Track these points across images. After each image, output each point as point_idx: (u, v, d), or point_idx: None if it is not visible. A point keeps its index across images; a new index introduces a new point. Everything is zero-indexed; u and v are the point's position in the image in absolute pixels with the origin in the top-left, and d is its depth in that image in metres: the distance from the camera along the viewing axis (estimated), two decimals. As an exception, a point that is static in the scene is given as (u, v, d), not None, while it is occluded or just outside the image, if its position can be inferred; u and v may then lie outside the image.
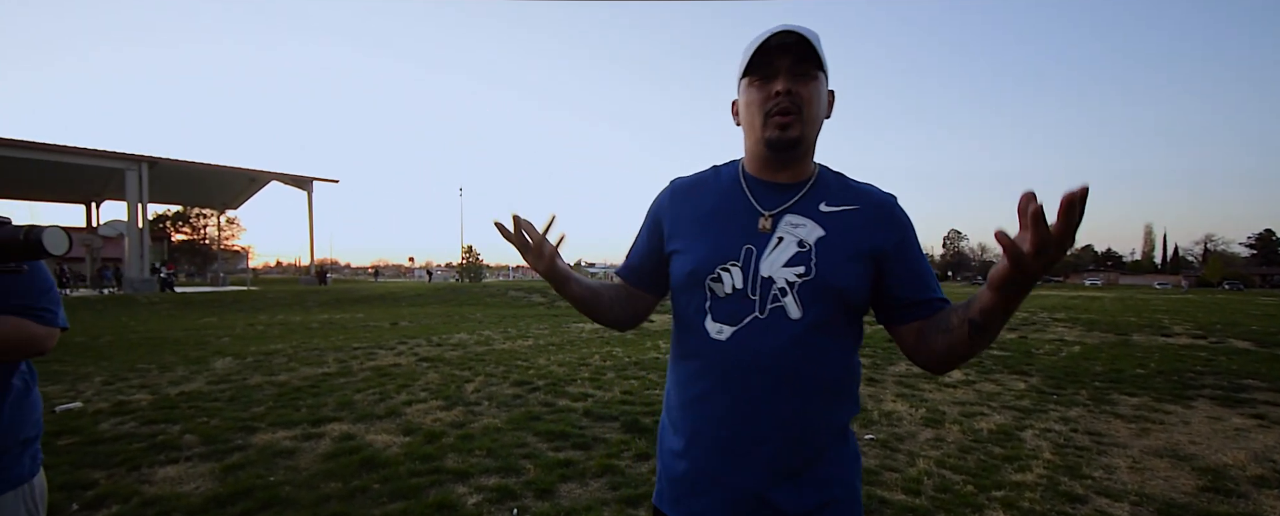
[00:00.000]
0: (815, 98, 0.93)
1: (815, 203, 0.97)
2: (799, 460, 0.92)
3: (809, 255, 0.93)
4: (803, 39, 0.91)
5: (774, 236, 0.95)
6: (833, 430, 0.95)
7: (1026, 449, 3.57)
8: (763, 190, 1.00)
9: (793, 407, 0.92)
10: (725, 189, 1.02)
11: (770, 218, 0.97)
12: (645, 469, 3.10)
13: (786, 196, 0.98)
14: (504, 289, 23.12)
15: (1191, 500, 2.80)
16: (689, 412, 0.98)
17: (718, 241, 0.97)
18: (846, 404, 0.97)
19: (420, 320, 12.21)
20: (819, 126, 0.97)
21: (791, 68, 0.92)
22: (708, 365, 0.96)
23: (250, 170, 29.61)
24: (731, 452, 0.93)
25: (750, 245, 0.96)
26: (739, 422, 0.93)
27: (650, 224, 1.09)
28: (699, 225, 1.01)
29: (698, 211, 1.02)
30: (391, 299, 19.17)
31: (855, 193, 0.99)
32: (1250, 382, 5.74)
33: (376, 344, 7.97)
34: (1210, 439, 3.84)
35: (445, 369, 5.99)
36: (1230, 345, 8.95)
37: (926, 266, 0.99)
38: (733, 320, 0.94)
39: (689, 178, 1.09)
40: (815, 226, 0.95)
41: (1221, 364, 6.94)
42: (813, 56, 0.92)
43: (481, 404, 4.47)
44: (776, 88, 0.92)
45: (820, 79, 0.94)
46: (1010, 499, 2.79)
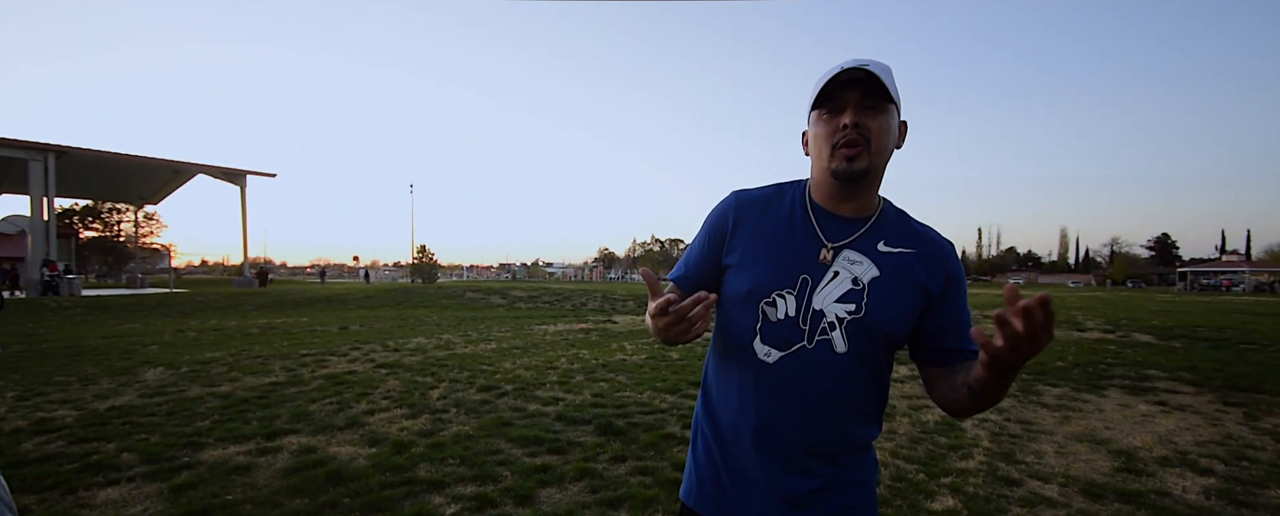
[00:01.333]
0: (883, 130, 0.95)
1: (875, 241, 0.99)
2: (826, 473, 0.99)
3: (861, 293, 0.96)
4: (872, 74, 0.92)
5: (831, 270, 0.98)
6: (857, 447, 1.02)
7: (968, 438, 3.87)
8: (828, 221, 1.01)
9: (824, 429, 0.98)
10: (791, 213, 1.04)
11: (832, 250, 0.99)
12: (623, 471, 3.17)
13: (850, 230, 1.00)
14: (461, 290, 22.60)
15: (1109, 480, 3.13)
16: (730, 422, 1.03)
17: (778, 267, 1.00)
18: (874, 425, 1.04)
19: (372, 324, 11.80)
20: (887, 158, 0.98)
21: (860, 101, 0.94)
22: (752, 383, 1.00)
23: (174, 162, 27.59)
24: (763, 463, 0.99)
25: (806, 276, 0.98)
26: (774, 438, 0.98)
27: (711, 233, 1.09)
28: (762, 245, 1.02)
29: (762, 230, 1.04)
30: (338, 302, 18.37)
31: (914, 235, 1.02)
32: (1152, 373, 6.38)
33: (327, 350, 7.67)
34: (1121, 424, 4.27)
35: (406, 375, 5.85)
36: (1134, 338, 9.87)
37: (967, 317, 1.01)
38: (781, 345, 0.98)
39: (754, 192, 1.10)
40: (871, 266, 0.98)
41: (1128, 356, 7.66)
42: (881, 90, 0.93)
43: (449, 411, 4.41)
44: (844, 120, 0.94)
45: (889, 111, 0.96)
46: (957, 484, 3.04)
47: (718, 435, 1.05)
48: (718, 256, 1.07)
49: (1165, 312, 16.45)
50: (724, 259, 1.06)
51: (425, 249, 32.65)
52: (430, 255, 32.55)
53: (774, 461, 0.98)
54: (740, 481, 1.01)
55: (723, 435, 1.04)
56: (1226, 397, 5.08)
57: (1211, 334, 10.32)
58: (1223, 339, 9.58)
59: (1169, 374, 6.29)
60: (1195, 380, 5.89)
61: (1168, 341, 9.41)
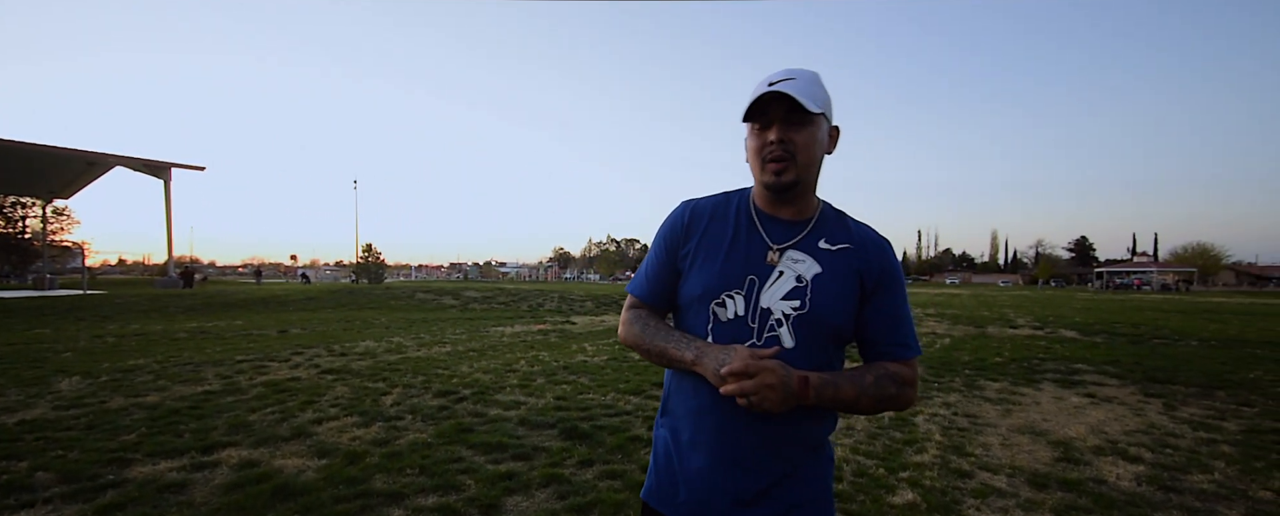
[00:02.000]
0: (809, 142, 1.01)
1: (816, 240, 1.06)
2: (785, 470, 1.03)
3: (805, 290, 1.02)
4: (791, 95, 0.98)
5: (777, 270, 1.04)
6: (810, 444, 1.06)
7: (921, 433, 4.02)
8: (772, 224, 1.08)
9: (776, 425, 1.01)
10: (738, 219, 1.10)
11: (778, 251, 1.05)
12: (591, 475, 3.11)
13: (793, 232, 1.07)
14: (410, 291, 21.81)
15: (1050, 469, 3.31)
16: (689, 422, 1.07)
17: (726, 269, 1.05)
18: (826, 421, 1.07)
19: (315, 327, 11.22)
20: (817, 167, 1.05)
21: (785, 116, 1.00)
22: (706, 385, 1.03)
23: (87, 152, 25.43)
24: (720, 461, 1.02)
25: (754, 276, 1.04)
26: (729, 435, 1.02)
27: (666, 243, 1.13)
28: (712, 250, 1.08)
29: (712, 237, 1.09)
30: (277, 303, 17.39)
31: (852, 233, 1.08)
32: (1080, 367, 6.83)
33: (265, 355, 7.23)
34: (1057, 416, 4.54)
35: (355, 381, 5.58)
36: (1060, 335, 10.57)
37: (900, 314, 1.06)
38: (731, 343, 1.02)
39: (703, 201, 1.15)
40: (814, 263, 1.04)
41: (1057, 351, 8.18)
42: (801, 106, 0.99)
43: (404, 418, 4.23)
44: (770, 136, 1.01)
45: (815, 123, 1.01)
46: (914, 478, 3.15)
47: (675, 434, 1.09)
48: (674, 264, 1.12)
49: (1086, 310, 17.72)
50: (678, 266, 1.12)
51: (371, 247, 31.22)
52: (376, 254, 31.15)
53: (727, 459, 1.02)
54: (695, 480, 1.04)
55: (680, 434, 1.08)
56: (1147, 389, 5.49)
57: (1128, 330, 11.17)
58: (1138, 335, 10.38)
59: (1095, 368, 6.76)
60: (1118, 373, 6.34)
61: (1090, 337, 10.12)
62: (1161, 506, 2.76)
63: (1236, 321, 13.59)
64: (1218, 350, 8.31)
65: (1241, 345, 8.88)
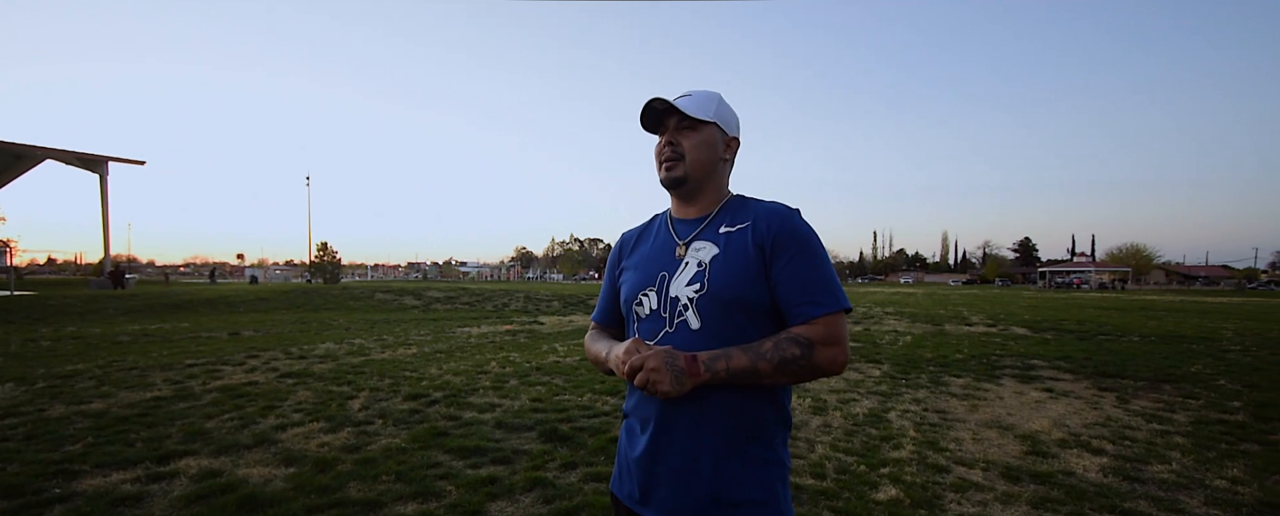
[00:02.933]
0: (697, 144, 1.13)
1: (718, 226, 1.13)
2: (712, 457, 1.03)
3: (704, 273, 1.08)
4: (672, 105, 1.13)
5: (683, 262, 1.12)
6: (746, 432, 1.04)
7: (895, 428, 4.11)
8: (680, 225, 1.18)
9: (703, 409, 1.04)
10: (656, 231, 1.23)
11: (684, 246, 1.14)
12: (575, 478, 3.05)
13: (695, 226, 1.15)
14: (369, 291, 21.10)
15: (1021, 462, 3.43)
16: (635, 411, 1.15)
17: (641, 273, 1.17)
18: (762, 407, 1.05)
19: (269, 328, 10.72)
20: (708, 168, 1.15)
21: (676, 124, 1.14)
22: None
23: (13, 144, 23.74)
24: (655, 446, 1.07)
25: (665, 272, 1.13)
26: (662, 424, 1.07)
27: (610, 273, 1.30)
28: (638, 261, 1.21)
29: (639, 252, 1.23)
30: (226, 304, 16.56)
31: (752, 210, 1.12)
32: (1036, 362, 7.14)
33: (218, 359, 6.86)
34: (1020, 410, 4.72)
35: (317, 385, 5.34)
36: (1012, 331, 11.03)
37: (806, 274, 1.04)
38: (650, 337, 1.11)
39: (634, 229, 1.30)
40: (712, 247, 1.10)
41: (1012, 347, 8.53)
42: (687, 115, 1.12)
43: (374, 422, 4.07)
44: (662, 140, 1.16)
45: (704, 129, 1.13)
46: (895, 474, 3.20)
47: (628, 427, 1.16)
48: (616, 286, 1.26)
49: (1032, 308, 18.57)
50: (618, 287, 1.25)
51: (327, 246, 30.00)
52: (332, 253, 29.96)
53: (661, 444, 1.06)
54: (637, 465, 1.10)
55: (632, 425, 1.15)
56: (1100, 383, 5.77)
57: (1074, 327, 11.75)
58: (1084, 331, 10.93)
59: (1049, 363, 7.07)
60: (1072, 368, 6.65)
61: (1041, 333, 10.60)
62: (1128, 496, 2.89)
63: (1171, 318, 14.47)
64: (1158, 345, 8.82)
65: (1179, 340, 9.46)
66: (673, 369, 0.98)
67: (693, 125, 1.12)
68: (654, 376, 0.98)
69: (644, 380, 0.99)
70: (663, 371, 0.98)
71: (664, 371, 0.98)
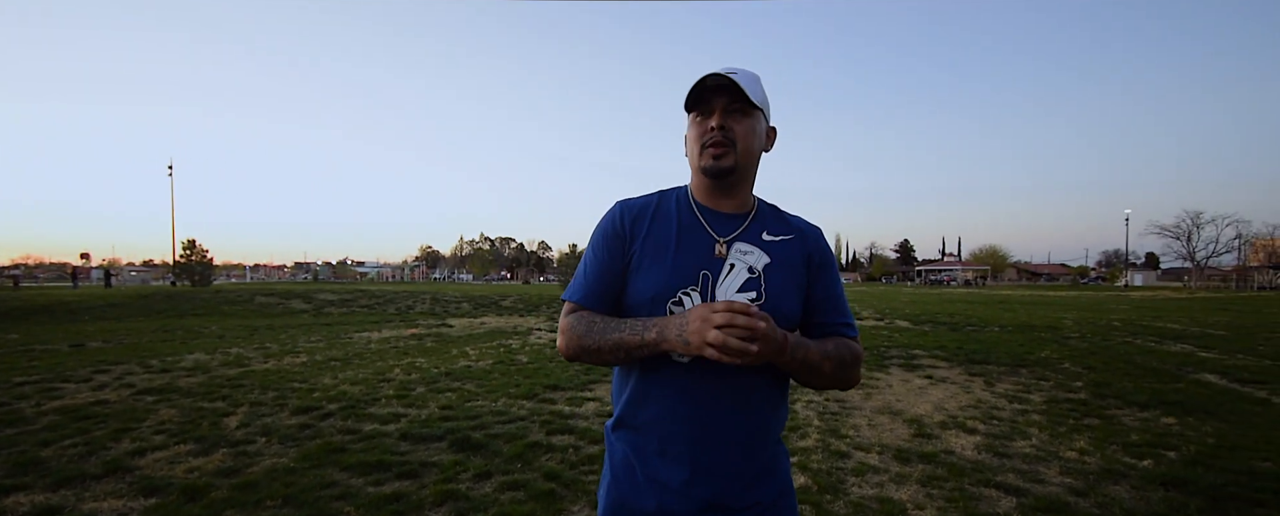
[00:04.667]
0: (748, 132, 1.03)
1: (759, 231, 1.07)
2: (753, 467, 1.02)
3: (758, 281, 1.02)
4: (734, 82, 1.00)
5: (727, 263, 1.03)
6: (776, 436, 1.08)
7: (801, 419, 4.32)
8: (714, 218, 1.07)
9: (746, 421, 1.01)
10: (679, 215, 1.08)
11: (725, 244, 1.04)
12: (490, 488, 2.91)
13: (735, 224, 1.07)
14: (248, 294, 19.02)
15: (910, 444, 3.73)
16: (656, 430, 1.02)
17: (677, 266, 1.02)
18: (783, 414, 1.09)
19: (121, 338, 9.35)
20: (755, 159, 1.07)
21: (726, 105, 1.02)
22: (669, 385, 1.01)
23: None
24: (699, 471, 0.99)
25: (707, 271, 1.02)
26: (704, 443, 0.99)
27: (609, 243, 1.08)
28: (657, 248, 1.05)
29: (655, 234, 1.06)
30: (65, 312, 14.26)
31: (789, 224, 1.12)
32: (917, 352, 7.84)
33: (55, 374, 5.87)
34: (907, 397, 5.15)
35: (184, 401, 4.72)
36: (897, 325, 12.08)
37: (839, 293, 1.12)
38: None
39: (638, 200, 1.12)
40: (762, 254, 1.05)
41: (897, 339, 9.32)
42: (745, 96, 1.01)
43: (255, 441, 3.65)
44: (712, 123, 1.02)
45: (755, 116, 1.04)
46: (804, 462, 3.37)
47: (638, 447, 1.03)
48: (619, 265, 1.06)
49: (912, 303, 20.49)
50: (624, 268, 1.07)
51: (195, 244, 26.68)
52: (201, 251, 26.69)
53: (706, 468, 0.99)
54: (670, 492, 1.00)
55: (644, 445, 1.03)
56: (970, 370, 6.44)
57: (946, 319, 13.08)
58: (955, 323, 12.19)
59: (928, 352, 7.80)
60: (946, 357, 7.38)
61: (920, 326, 11.68)
62: (999, 470, 3.23)
63: (1023, 310, 16.55)
64: (1015, 334, 10.03)
65: (1031, 329, 10.82)
66: (777, 337, 0.89)
67: (745, 109, 1.03)
68: (763, 337, 0.85)
69: (755, 342, 0.85)
70: (774, 334, 0.88)
71: (774, 335, 0.88)
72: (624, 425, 1.07)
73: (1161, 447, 3.61)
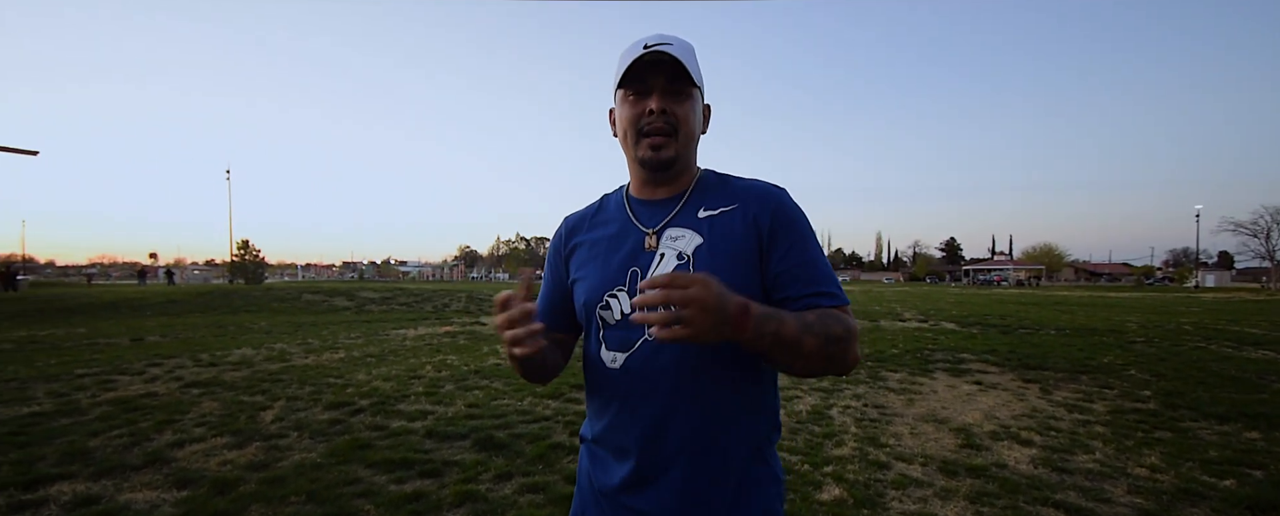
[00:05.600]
0: (689, 116, 0.92)
1: (695, 210, 0.94)
2: (710, 485, 0.88)
3: (687, 266, 0.90)
4: (676, 60, 0.88)
5: (656, 254, 0.93)
6: (746, 450, 0.91)
7: (836, 425, 4.12)
8: (644, 209, 0.98)
9: (696, 428, 0.88)
10: (613, 215, 1.01)
11: (654, 234, 0.94)
12: (509, 490, 2.84)
13: (668, 209, 0.96)
14: (296, 292, 19.82)
15: (957, 456, 3.49)
16: (602, 446, 0.96)
17: (605, 269, 0.96)
18: (761, 420, 0.93)
19: (177, 333, 9.83)
20: (695, 143, 0.96)
21: (666, 86, 0.90)
22: (609, 396, 0.94)
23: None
24: (643, 483, 0.90)
25: (635, 268, 0.93)
26: (646, 451, 0.89)
27: (553, 263, 1.06)
28: (591, 255, 0.99)
29: (591, 242, 1.00)
30: (129, 308, 15.14)
31: (735, 191, 0.95)
32: (965, 356, 7.44)
33: (114, 368, 6.17)
34: (953, 403, 4.85)
35: (226, 395, 4.87)
36: (942, 327, 11.55)
37: (812, 259, 0.91)
38: (624, 346, 0.91)
39: (580, 211, 1.07)
40: (694, 235, 0.92)
41: (943, 342, 8.89)
42: (686, 74, 0.89)
43: (288, 435, 3.70)
44: (650, 106, 0.90)
45: (694, 95, 0.93)
46: (838, 472, 3.18)
47: (592, 452, 0.99)
48: (564, 284, 1.03)
49: (959, 304, 19.64)
50: (568, 285, 1.02)
51: (248, 244, 28.04)
52: (254, 251, 28.02)
53: (651, 481, 0.90)
54: (614, 498, 0.93)
55: (598, 448, 0.98)
56: (1024, 375, 6.05)
57: (997, 321, 12.44)
58: (1006, 325, 11.58)
59: (977, 356, 7.39)
60: (997, 361, 6.97)
61: (968, 328, 11.14)
62: (1058, 487, 2.97)
63: (1082, 312, 15.61)
64: (1073, 337, 9.43)
65: (1091, 333, 10.15)
66: (721, 305, 0.71)
67: (686, 89, 0.90)
68: (696, 314, 0.69)
69: (686, 311, 0.69)
70: (711, 309, 0.70)
71: (712, 310, 0.70)
72: (585, 439, 1.02)
73: (1245, 466, 3.26)
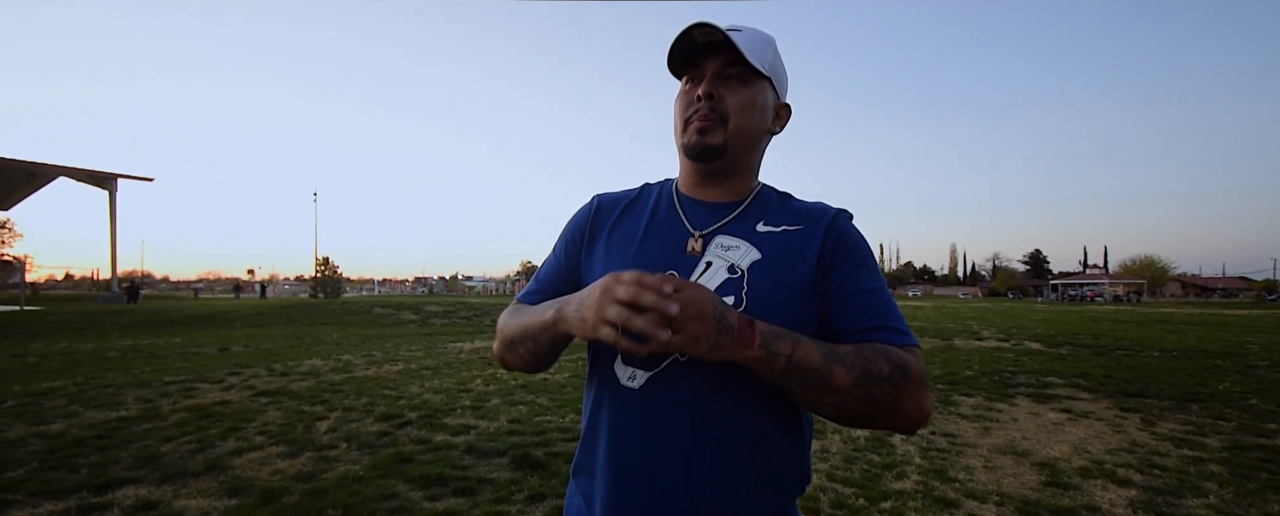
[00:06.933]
0: (746, 106, 0.81)
1: (752, 222, 0.84)
2: None
3: (740, 282, 0.78)
4: (731, 42, 0.78)
5: (703, 260, 0.81)
6: (768, 508, 0.77)
7: (899, 455, 3.79)
8: (694, 208, 0.87)
9: (716, 470, 0.74)
10: (656, 207, 0.90)
11: (701, 238, 0.83)
12: (541, 512, 2.76)
13: (721, 214, 0.85)
14: (368, 306, 20.96)
15: (1040, 495, 3.10)
16: (601, 476, 0.80)
17: (637, 265, 0.81)
18: (790, 472, 0.80)
19: (259, 344, 10.53)
20: (753, 139, 0.84)
21: (719, 69, 0.81)
22: (619, 418, 0.79)
23: (28, 163, 23.98)
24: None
25: (673, 271, 0.81)
26: (655, 489, 0.75)
27: (569, 240, 0.93)
28: (621, 246, 0.87)
29: (622, 231, 0.88)
30: (222, 319, 16.46)
31: (798, 211, 0.86)
32: (1052, 380, 6.76)
33: (198, 376, 6.64)
34: (1037, 434, 4.37)
35: (290, 404, 5.10)
36: (1026, 346, 10.61)
37: (873, 289, 0.80)
38: (648, 363, 0.78)
39: (615, 193, 0.95)
40: (750, 248, 0.81)
41: (1025, 364, 8.14)
42: (743, 58, 0.79)
43: (337, 446, 3.80)
44: (700, 91, 0.81)
45: (758, 86, 0.82)
46: (897, 509, 2.89)
47: (587, 498, 0.84)
48: (576, 265, 0.91)
49: (1046, 321, 18.07)
50: (583, 266, 0.90)
51: (328, 261, 30.04)
52: (333, 267, 30.01)
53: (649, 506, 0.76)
54: None
55: (593, 490, 0.81)
56: (1121, 403, 5.40)
57: (1090, 341, 11.31)
58: (1101, 346, 10.50)
59: (1066, 381, 6.69)
60: (1090, 386, 6.28)
61: (1056, 348, 10.18)
62: (1162, 536, 2.56)
63: (1192, 332, 13.97)
64: (1182, 361, 8.40)
65: (1203, 356, 9.02)
66: (720, 323, 0.64)
67: (743, 75, 0.81)
68: (689, 307, 0.63)
69: (658, 316, 0.61)
70: (706, 307, 0.64)
71: (707, 308, 0.64)
72: (579, 470, 0.87)
73: None
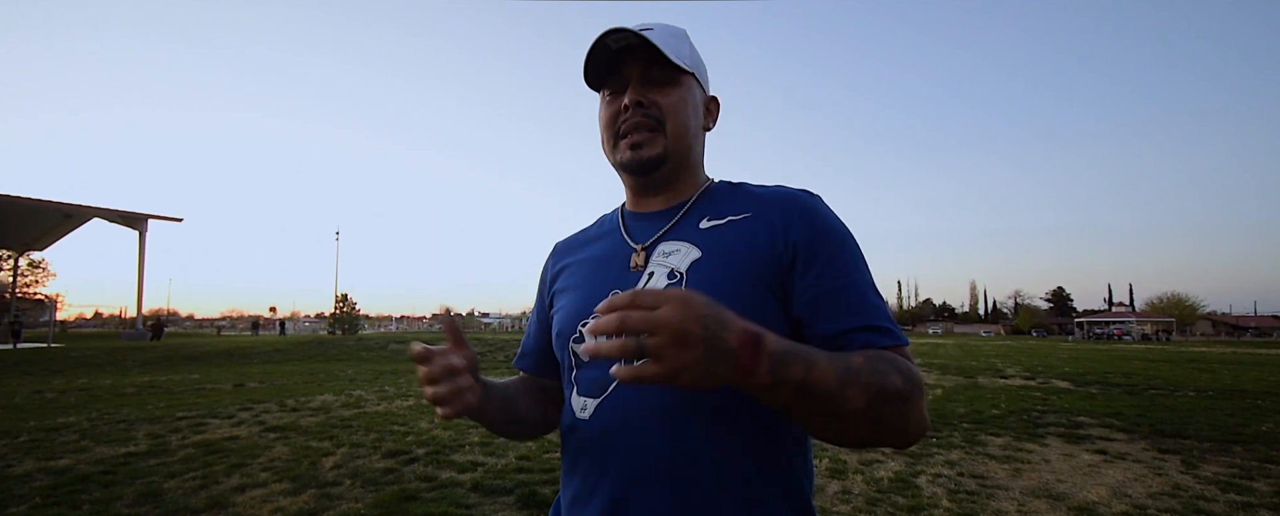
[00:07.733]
0: (678, 106, 0.76)
1: (696, 221, 0.77)
2: None
3: (680, 286, 0.70)
4: (650, 43, 0.72)
5: (645, 273, 0.75)
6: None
7: (925, 497, 3.60)
8: (637, 223, 0.82)
9: (681, 504, 0.65)
10: (604, 234, 0.86)
11: (644, 250, 0.77)
12: (546, 556, 2.65)
13: (662, 222, 0.79)
14: (383, 342, 21.01)
15: (1078, 542, 2.91)
16: (565, 511, 0.76)
17: (582, 295, 0.79)
18: (775, 488, 0.68)
19: (274, 380, 10.54)
20: (689, 140, 0.78)
21: (643, 74, 0.75)
22: (576, 454, 0.74)
23: (63, 204, 24.88)
24: None
25: (617, 290, 0.75)
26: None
27: (540, 295, 0.91)
28: (574, 281, 0.82)
29: (577, 267, 0.84)
30: (241, 355, 16.57)
31: (750, 197, 0.77)
32: (1084, 420, 6.47)
33: (210, 411, 6.62)
34: (1072, 476, 4.15)
35: (298, 440, 5.04)
36: (1053, 385, 10.23)
37: (855, 283, 0.69)
38: (596, 391, 0.72)
39: (571, 235, 0.92)
40: (691, 248, 0.73)
41: (1054, 402, 7.83)
42: (666, 59, 0.73)
43: (341, 484, 3.72)
44: (625, 99, 0.75)
45: (685, 84, 0.77)
46: (925, 555, 2.73)
47: None
48: (547, 319, 0.87)
49: (1073, 360, 17.50)
50: (550, 318, 0.86)
51: (346, 297, 30.40)
52: (351, 304, 30.33)
53: None
54: None
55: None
56: (1159, 444, 5.12)
57: (1121, 380, 10.88)
58: (1132, 385, 10.09)
59: (1098, 420, 6.40)
60: (1124, 427, 5.99)
61: (1085, 387, 9.80)
62: (1215, 588, 2.37)
63: (1227, 371, 13.40)
64: (1219, 401, 8.01)
65: (1241, 395, 8.61)
66: (709, 335, 0.50)
67: (669, 76, 0.75)
68: (664, 331, 0.49)
69: (654, 343, 0.49)
70: (689, 328, 0.49)
71: (691, 329, 0.49)
72: (560, 511, 0.81)
73: None
